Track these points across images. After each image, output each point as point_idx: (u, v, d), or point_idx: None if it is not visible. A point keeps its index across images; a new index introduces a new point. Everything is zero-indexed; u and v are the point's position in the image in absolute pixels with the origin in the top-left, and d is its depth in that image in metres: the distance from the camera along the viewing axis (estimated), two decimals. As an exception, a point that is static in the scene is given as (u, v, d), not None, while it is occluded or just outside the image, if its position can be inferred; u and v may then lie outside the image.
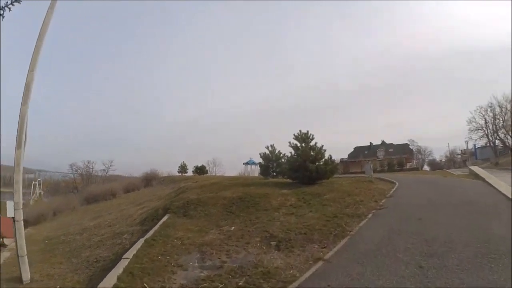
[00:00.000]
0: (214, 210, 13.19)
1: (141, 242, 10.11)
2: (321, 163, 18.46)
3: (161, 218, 13.71)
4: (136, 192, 39.88)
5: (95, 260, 12.22)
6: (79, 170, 53.76)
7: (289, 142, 19.67)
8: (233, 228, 10.43)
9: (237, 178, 30.52)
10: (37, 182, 68.12)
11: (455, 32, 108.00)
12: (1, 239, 25.47)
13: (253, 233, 9.42)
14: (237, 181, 22.01)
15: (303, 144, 19.33)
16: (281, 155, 23.96)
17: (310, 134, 19.66)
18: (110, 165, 54.49)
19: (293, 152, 19.49)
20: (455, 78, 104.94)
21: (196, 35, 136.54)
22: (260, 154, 25.10)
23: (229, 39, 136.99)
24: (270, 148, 24.58)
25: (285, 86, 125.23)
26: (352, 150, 70.40)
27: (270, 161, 24.56)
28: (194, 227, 11.20)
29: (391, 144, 66.21)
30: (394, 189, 15.49)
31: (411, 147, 67.73)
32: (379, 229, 8.37)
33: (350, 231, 8.54)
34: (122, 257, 8.95)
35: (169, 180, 42.62)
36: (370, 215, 10.09)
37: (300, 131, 19.67)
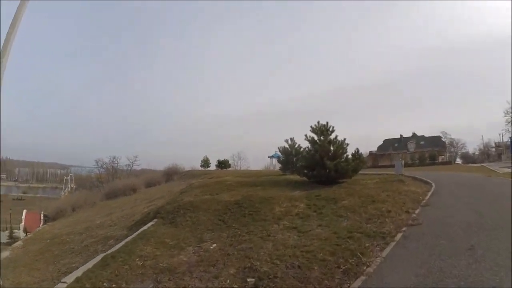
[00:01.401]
0: (205, 217, 10.75)
1: (98, 258, 7.97)
2: (343, 159, 15.35)
3: (147, 223, 11.61)
4: (157, 187, 38.93)
5: (65, 271, 10.44)
6: (104, 165, 53.92)
7: (305, 136, 16.68)
8: (213, 246, 7.90)
9: (254, 174, 28.00)
10: (68, 178, 70.39)
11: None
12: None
13: (231, 258, 6.78)
14: (248, 179, 19.41)
15: (321, 137, 16.29)
16: (301, 149, 20.96)
17: (330, 126, 16.49)
18: (135, 160, 54.20)
19: (309, 146, 16.53)
20: (492, 67, 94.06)
21: (226, 38, 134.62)
22: (279, 148, 22.31)
23: (255, 41, 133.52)
24: (289, 142, 21.61)
25: (313, 83, 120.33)
26: (382, 142, 65.11)
27: (290, 156, 21.60)
28: (171, 240, 8.84)
29: (423, 136, 60.23)
30: (430, 193, 12.09)
31: (443, 139, 61.30)
32: (409, 264, 5.42)
33: (367, 266, 5.65)
34: (60, 280, 6.89)
35: (190, 175, 41.31)
36: (399, 237, 7.04)
37: (318, 122, 16.62)
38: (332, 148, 15.58)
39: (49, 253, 14.85)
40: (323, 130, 16.41)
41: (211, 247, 7.81)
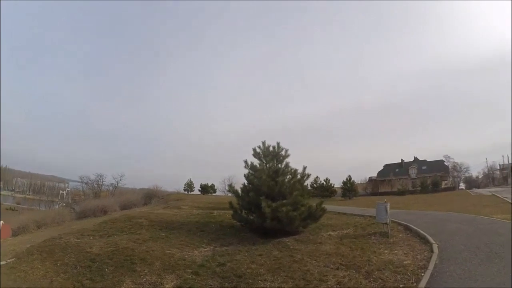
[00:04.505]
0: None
1: None
2: (288, 201, 9.41)
3: None
4: (130, 210, 33.91)
5: None
6: (89, 182, 48.85)
7: (244, 162, 10.95)
8: None
9: (214, 203, 22.31)
10: (65, 192, 65.71)
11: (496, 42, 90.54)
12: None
13: None
14: (183, 214, 13.70)
15: (266, 165, 10.60)
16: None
17: (282, 149, 10.86)
18: (120, 179, 48.96)
19: (246, 178, 10.78)
20: (494, 87, 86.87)
21: (227, 58, 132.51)
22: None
23: (258, 60, 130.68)
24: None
25: (313, 105, 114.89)
26: (382, 167, 58.32)
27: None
28: None
29: (425, 160, 53.20)
30: (429, 269, 6.11)
31: (446, 163, 54.14)
32: None
33: None
34: None
35: (169, 198, 36.52)
36: None
37: (263, 142, 10.95)
38: (277, 180, 9.79)
39: None
40: (273, 153, 10.75)
41: None
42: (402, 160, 55.53)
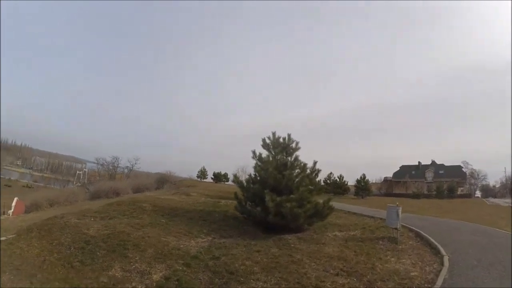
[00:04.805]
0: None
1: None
2: (294, 196, 8.96)
3: None
4: (142, 193, 34.56)
5: None
6: (105, 164, 50.06)
7: (253, 153, 10.50)
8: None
9: (222, 191, 22.16)
10: (82, 172, 67.91)
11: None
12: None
13: None
14: (189, 200, 13.54)
15: (272, 154, 10.13)
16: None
17: (293, 141, 10.35)
18: (135, 163, 49.89)
19: (258, 166, 10.32)
20: None
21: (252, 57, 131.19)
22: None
23: (283, 58, 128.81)
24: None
25: (338, 104, 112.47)
26: (398, 168, 56.39)
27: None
28: None
29: (442, 165, 50.76)
30: (437, 287, 5.51)
31: (464, 169, 51.62)
32: None
33: None
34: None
35: (181, 184, 36.99)
36: None
37: (273, 133, 10.46)
38: (285, 173, 9.30)
39: None
40: (282, 146, 10.24)
41: None
42: (419, 162, 53.37)
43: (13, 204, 26.01)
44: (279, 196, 8.54)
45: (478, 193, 49.87)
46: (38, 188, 53.01)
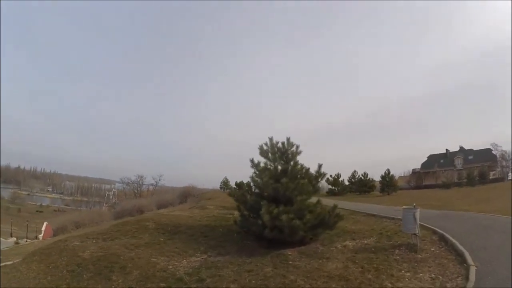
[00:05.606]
0: None
1: None
2: (292, 208, 8.08)
3: None
4: (165, 208, 34.84)
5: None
6: (130, 183, 51.71)
7: (251, 161, 9.84)
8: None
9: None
10: (111, 192, 70.60)
11: None
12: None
13: None
14: (203, 214, 13.14)
15: (274, 164, 9.43)
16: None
17: (293, 145, 9.60)
18: (160, 179, 51.13)
19: (255, 175, 9.64)
20: None
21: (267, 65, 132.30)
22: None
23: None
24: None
25: (357, 104, 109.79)
26: (426, 159, 53.13)
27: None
28: None
29: (471, 150, 47.54)
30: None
31: (494, 152, 47.41)
32: None
33: None
34: None
35: (203, 197, 37.14)
36: None
37: (270, 138, 9.77)
38: (284, 181, 8.53)
39: None
40: (281, 152, 9.54)
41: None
42: (447, 150, 50.17)
43: (43, 228, 27.36)
44: (277, 207, 7.80)
45: (510, 175, 45.86)
46: (69, 211, 55.55)
